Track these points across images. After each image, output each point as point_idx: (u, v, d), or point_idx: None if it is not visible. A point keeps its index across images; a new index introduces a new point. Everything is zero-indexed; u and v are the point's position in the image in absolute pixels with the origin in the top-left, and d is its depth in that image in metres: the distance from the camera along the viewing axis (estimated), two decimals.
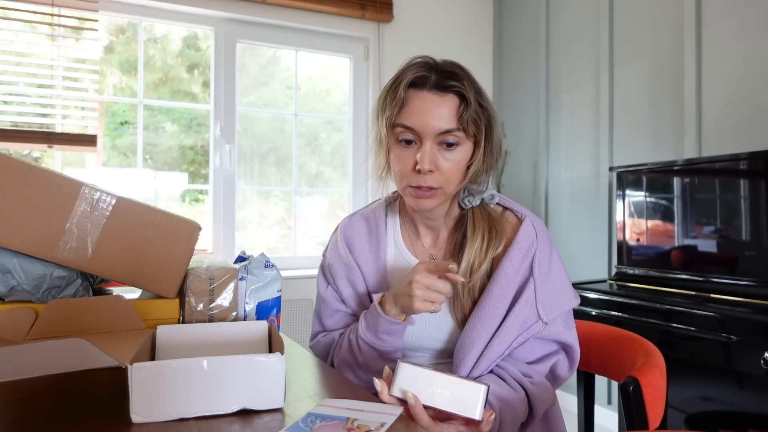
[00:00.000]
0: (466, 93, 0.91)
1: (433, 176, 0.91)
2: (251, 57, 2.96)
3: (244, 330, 0.88)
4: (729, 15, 2.09)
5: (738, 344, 1.55)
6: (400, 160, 0.93)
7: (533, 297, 0.92)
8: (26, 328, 0.88)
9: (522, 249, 0.94)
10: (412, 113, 0.91)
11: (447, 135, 0.90)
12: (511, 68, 3.25)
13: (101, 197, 0.96)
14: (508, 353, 0.92)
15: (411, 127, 0.91)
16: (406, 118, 0.91)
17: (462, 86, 0.91)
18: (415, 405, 0.73)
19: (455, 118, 0.91)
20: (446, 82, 0.91)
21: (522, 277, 0.93)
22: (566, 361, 0.98)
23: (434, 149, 0.91)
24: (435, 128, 0.90)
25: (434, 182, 0.91)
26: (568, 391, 2.68)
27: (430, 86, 0.92)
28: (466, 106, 0.91)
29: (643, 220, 2.13)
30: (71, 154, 2.58)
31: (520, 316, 0.91)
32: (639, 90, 2.46)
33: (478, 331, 0.91)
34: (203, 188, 2.84)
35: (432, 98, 0.91)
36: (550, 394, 0.93)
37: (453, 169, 0.92)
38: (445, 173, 0.92)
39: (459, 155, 0.92)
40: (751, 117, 2.01)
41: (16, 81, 2.36)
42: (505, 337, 0.91)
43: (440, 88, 0.91)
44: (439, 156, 0.91)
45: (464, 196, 0.99)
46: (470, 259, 0.95)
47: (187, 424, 0.63)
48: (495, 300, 0.92)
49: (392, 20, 3.06)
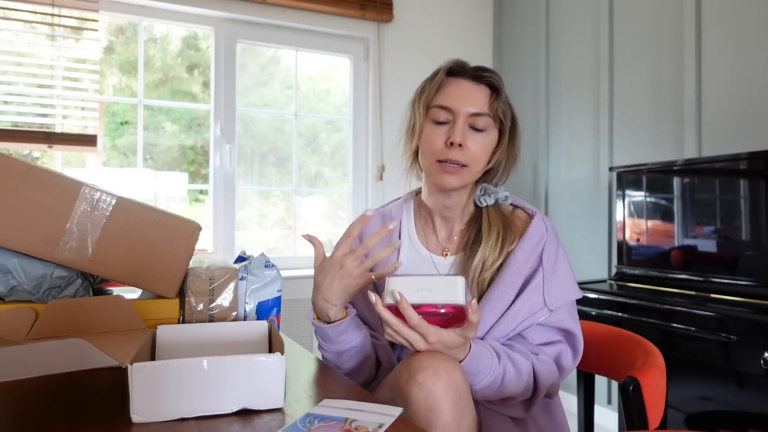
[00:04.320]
0: (498, 84, 1.01)
1: (462, 152, 0.97)
2: (251, 57, 2.96)
3: (244, 330, 0.88)
4: (729, 15, 2.09)
5: (738, 344, 1.55)
6: (432, 136, 0.99)
7: (541, 285, 0.96)
8: (26, 328, 0.88)
9: (533, 241, 0.99)
10: (449, 94, 1.00)
11: (477, 118, 0.98)
12: (511, 68, 3.25)
13: (101, 197, 0.96)
14: (512, 335, 0.96)
15: (447, 107, 0.99)
16: (442, 99, 1.00)
17: (495, 78, 1.01)
18: (402, 301, 0.78)
19: (487, 105, 0.99)
20: (481, 73, 1.01)
21: (531, 267, 0.98)
22: (570, 350, 1.00)
23: (465, 127, 0.98)
24: (468, 110, 0.98)
25: (463, 158, 0.97)
26: (568, 391, 2.68)
27: (466, 75, 1.01)
28: (497, 96, 1.00)
29: (643, 220, 2.13)
30: (71, 154, 2.58)
31: (528, 302, 0.95)
32: (639, 90, 2.46)
33: (486, 312, 0.95)
34: (203, 188, 2.84)
35: (468, 84, 1.00)
36: (555, 375, 0.96)
37: (479, 152, 0.99)
38: (472, 153, 0.98)
39: (486, 140, 1.00)
40: (751, 117, 2.01)
41: (16, 81, 2.37)
42: (512, 320, 0.95)
43: (476, 78, 1.01)
44: (469, 136, 0.98)
45: (480, 195, 1.04)
46: (484, 255, 0.99)
47: (187, 424, 0.63)
48: (504, 285, 0.96)
49: (392, 20, 3.06)
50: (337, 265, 0.90)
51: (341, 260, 0.90)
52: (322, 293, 0.92)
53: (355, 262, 0.89)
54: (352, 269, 0.89)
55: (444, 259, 1.06)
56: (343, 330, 0.94)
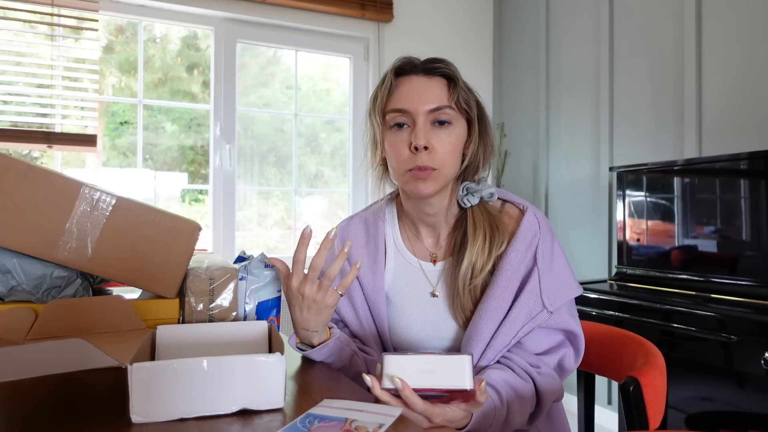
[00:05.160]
0: (453, 73, 0.94)
1: (430, 155, 0.90)
2: (251, 57, 2.96)
3: (244, 330, 0.88)
4: (729, 15, 2.09)
5: (738, 344, 1.55)
6: (395, 144, 0.93)
7: (538, 286, 0.91)
8: (26, 328, 0.88)
9: (525, 240, 0.93)
10: (402, 95, 0.93)
11: (439, 112, 0.92)
12: (511, 68, 3.25)
13: (101, 197, 0.95)
14: (514, 343, 0.92)
15: (402, 109, 0.92)
16: (396, 101, 0.94)
17: (447, 68, 0.94)
18: (404, 389, 0.72)
19: (446, 97, 0.93)
20: (432, 65, 0.95)
21: (526, 268, 0.93)
22: (572, 352, 0.97)
23: (427, 126, 0.92)
24: (426, 106, 0.91)
25: (431, 162, 0.90)
26: (568, 391, 2.68)
27: (417, 71, 0.95)
28: (455, 85, 0.94)
29: (643, 220, 2.13)
30: (71, 154, 2.58)
31: (525, 306, 0.91)
32: (639, 90, 2.45)
33: (485, 323, 0.91)
34: (203, 188, 2.84)
35: (420, 80, 0.94)
36: (558, 386, 0.93)
37: (448, 150, 0.92)
38: (441, 153, 0.91)
39: (454, 135, 0.93)
40: (751, 117, 2.01)
41: (16, 81, 2.36)
42: (512, 327, 0.90)
43: (427, 71, 0.95)
44: (433, 135, 0.91)
45: (463, 195, 0.98)
46: (472, 260, 0.94)
47: (187, 424, 0.63)
48: (500, 291, 0.92)
49: (392, 20, 3.06)
50: (298, 296, 0.84)
51: (299, 291, 0.84)
52: (299, 324, 0.87)
53: (312, 288, 0.83)
54: (314, 295, 0.84)
55: (433, 266, 1.01)
56: (328, 353, 0.90)
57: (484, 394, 0.75)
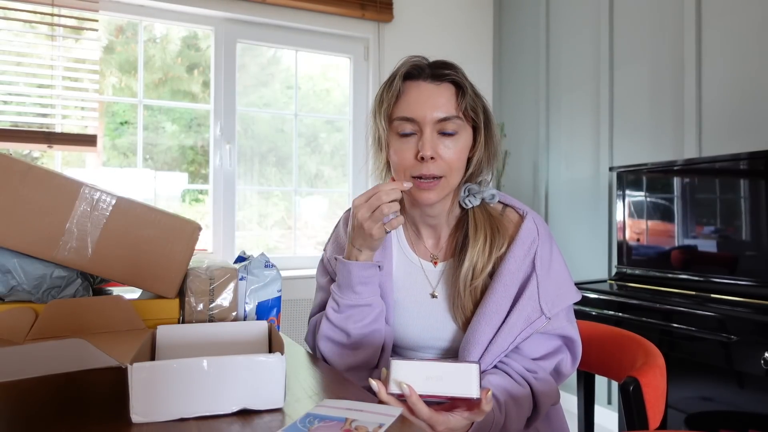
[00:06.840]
0: (461, 81, 0.93)
1: (436, 164, 0.91)
2: (251, 57, 2.96)
3: (244, 330, 0.88)
4: (729, 15, 2.09)
5: (738, 344, 1.55)
6: (401, 152, 0.93)
7: (536, 293, 0.91)
8: (26, 328, 0.88)
9: (524, 246, 0.94)
10: (409, 104, 0.92)
11: (446, 123, 0.91)
12: (511, 68, 3.25)
13: (101, 197, 0.95)
14: (512, 348, 0.92)
15: (410, 118, 0.92)
16: (403, 109, 0.93)
17: (456, 74, 0.94)
18: (411, 395, 0.73)
19: (453, 106, 0.92)
20: (441, 71, 0.94)
21: (525, 274, 0.93)
22: (569, 357, 0.97)
23: (434, 136, 0.91)
24: (434, 116, 0.91)
25: (437, 170, 0.91)
26: (568, 391, 2.68)
27: (425, 76, 0.94)
28: (463, 93, 0.93)
29: (643, 220, 2.13)
30: (71, 154, 2.58)
31: (523, 312, 0.91)
32: (639, 90, 2.45)
33: (483, 328, 0.91)
34: (203, 188, 2.84)
35: (428, 87, 0.93)
36: (555, 391, 0.93)
37: (454, 158, 0.92)
38: (447, 161, 0.91)
39: (460, 143, 0.93)
40: (751, 117, 2.01)
41: (16, 81, 2.36)
42: (510, 333, 0.91)
43: (435, 77, 0.93)
44: (440, 144, 0.91)
45: (465, 197, 0.98)
46: (473, 261, 0.94)
47: (187, 424, 0.63)
48: (499, 296, 0.92)
49: (392, 20, 3.06)
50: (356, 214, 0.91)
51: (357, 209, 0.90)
52: (350, 237, 0.94)
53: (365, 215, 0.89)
54: (364, 221, 0.89)
55: (433, 267, 1.02)
56: (369, 276, 0.94)
57: (489, 403, 0.75)
